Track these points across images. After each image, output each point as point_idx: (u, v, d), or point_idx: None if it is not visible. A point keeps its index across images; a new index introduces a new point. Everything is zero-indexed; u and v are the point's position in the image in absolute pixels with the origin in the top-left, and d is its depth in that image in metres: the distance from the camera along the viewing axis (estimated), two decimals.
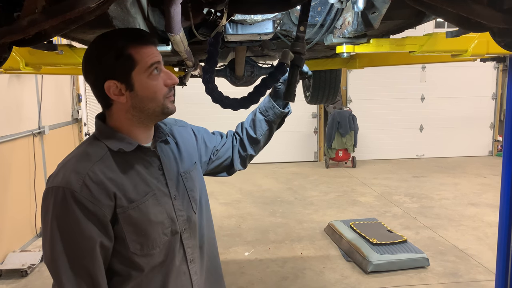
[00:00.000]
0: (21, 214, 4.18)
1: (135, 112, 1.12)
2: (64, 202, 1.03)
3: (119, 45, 1.07)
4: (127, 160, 1.13)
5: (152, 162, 1.18)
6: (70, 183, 1.04)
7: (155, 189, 1.16)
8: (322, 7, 1.67)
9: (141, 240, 1.12)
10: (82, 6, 0.91)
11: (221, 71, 3.05)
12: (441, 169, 7.59)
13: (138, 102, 1.10)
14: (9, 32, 0.95)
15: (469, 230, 4.55)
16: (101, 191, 1.06)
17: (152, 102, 1.11)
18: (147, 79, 1.09)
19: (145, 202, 1.12)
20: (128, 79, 1.08)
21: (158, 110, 1.12)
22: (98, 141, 1.13)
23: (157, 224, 1.14)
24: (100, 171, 1.07)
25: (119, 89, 1.08)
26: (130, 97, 1.09)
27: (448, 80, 8.38)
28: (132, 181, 1.12)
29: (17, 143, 4.15)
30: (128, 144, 1.13)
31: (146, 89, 1.09)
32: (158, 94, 1.11)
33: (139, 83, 1.09)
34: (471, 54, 1.90)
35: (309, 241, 4.33)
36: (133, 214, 1.10)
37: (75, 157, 1.11)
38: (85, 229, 1.04)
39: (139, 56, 1.08)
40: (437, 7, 0.98)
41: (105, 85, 1.08)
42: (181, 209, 1.22)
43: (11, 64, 1.93)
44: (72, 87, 5.69)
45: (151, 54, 1.10)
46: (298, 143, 8.53)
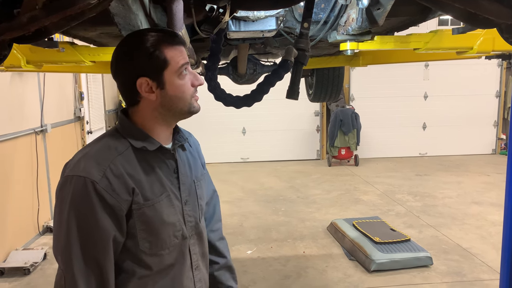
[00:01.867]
0: (23, 212, 4.18)
1: (163, 110, 1.14)
2: (84, 192, 1.03)
3: (152, 44, 1.09)
4: (147, 158, 1.14)
5: (169, 164, 1.19)
6: (91, 173, 1.04)
7: (169, 191, 1.17)
8: (326, 4, 1.65)
9: (151, 239, 1.12)
10: (82, 2, 0.90)
11: (224, 69, 3.03)
12: (444, 168, 7.56)
13: (167, 100, 1.12)
14: (9, 28, 0.94)
15: (473, 229, 4.52)
16: (121, 185, 1.07)
17: (180, 101, 1.13)
18: (177, 79, 1.12)
19: (159, 202, 1.13)
20: (160, 77, 1.10)
21: (185, 109, 1.15)
22: (121, 135, 1.14)
23: (169, 225, 1.15)
24: (121, 165, 1.08)
25: (150, 86, 1.10)
26: (160, 95, 1.11)
27: (451, 78, 8.34)
28: (149, 179, 1.13)
29: (19, 141, 4.14)
30: (151, 144, 1.14)
31: (176, 88, 1.12)
32: (186, 94, 1.13)
33: (169, 82, 1.11)
34: (477, 51, 1.88)
35: (311, 240, 4.32)
36: (148, 212, 1.10)
37: (97, 148, 1.12)
38: (102, 221, 1.04)
39: (171, 56, 1.10)
40: (444, 3, 0.96)
41: (137, 82, 1.10)
42: (190, 214, 1.22)
43: (12, 61, 1.92)
44: (75, 85, 5.68)
45: (182, 55, 1.13)
46: (301, 141, 8.51)
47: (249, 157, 8.38)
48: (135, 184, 1.09)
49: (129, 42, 1.13)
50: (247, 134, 8.42)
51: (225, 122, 8.12)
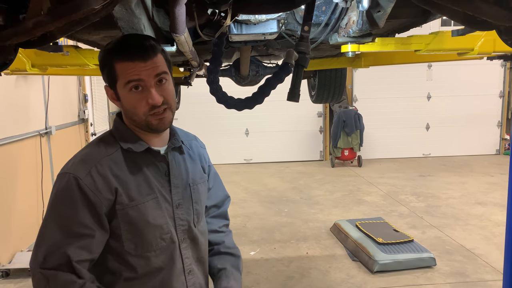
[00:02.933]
0: (28, 213, 4.22)
1: (128, 119, 1.18)
2: (68, 187, 1.09)
3: (107, 57, 1.14)
4: (136, 160, 1.16)
5: (160, 167, 1.20)
6: (77, 170, 1.10)
7: (158, 194, 1.17)
8: (327, 6, 1.67)
9: (136, 240, 1.14)
10: (87, 8, 0.92)
11: (226, 70, 3.05)
12: (447, 168, 7.54)
13: (126, 111, 1.17)
14: (15, 33, 0.96)
15: (476, 230, 4.51)
16: (104, 184, 1.10)
17: (134, 115, 1.14)
18: (127, 93, 1.12)
19: (145, 203, 1.14)
20: (114, 89, 1.15)
21: (143, 124, 1.14)
22: (113, 137, 1.18)
23: (155, 227, 1.15)
24: (107, 166, 1.12)
25: (112, 96, 1.17)
26: (120, 105, 1.17)
27: (454, 78, 8.32)
28: (136, 181, 1.15)
29: (24, 143, 4.18)
30: (138, 145, 1.17)
31: (127, 102, 1.14)
32: (138, 110, 1.12)
33: (122, 95, 1.14)
34: (478, 53, 1.89)
35: (315, 241, 4.32)
36: (131, 213, 1.13)
37: (88, 150, 1.17)
38: (80, 215, 1.08)
39: (120, 71, 1.11)
40: (443, 6, 0.97)
41: (105, 89, 1.18)
42: (183, 218, 1.22)
43: (18, 65, 1.94)
44: (79, 88, 5.72)
45: (132, 71, 1.09)
46: (304, 142, 8.51)
47: (252, 158, 8.40)
48: (119, 185, 1.11)
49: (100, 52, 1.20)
50: (250, 135, 8.44)
51: (228, 124, 8.15)
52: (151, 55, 1.11)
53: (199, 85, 4.32)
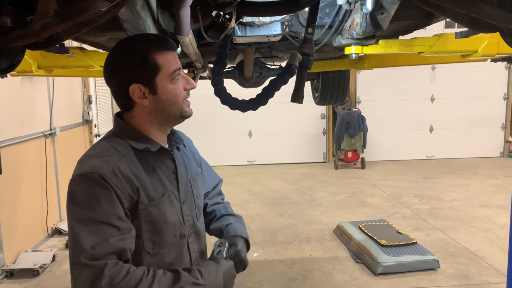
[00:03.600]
0: (33, 214, 4.24)
1: (157, 114, 1.16)
2: (96, 184, 1.05)
3: (143, 50, 1.12)
4: (148, 159, 1.16)
5: (168, 165, 1.22)
6: (102, 169, 1.06)
7: (169, 191, 1.19)
8: (331, 9, 1.68)
9: (155, 238, 1.14)
10: (93, 10, 0.93)
11: (230, 72, 3.06)
12: (451, 170, 7.52)
13: (160, 105, 1.14)
14: (22, 35, 0.97)
15: (480, 232, 4.50)
16: (127, 183, 1.09)
17: (173, 105, 1.15)
18: (169, 83, 1.14)
19: (163, 202, 1.16)
20: (152, 83, 1.12)
21: (178, 113, 1.17)
22: (120, 139, 1.16)
23: (171, 224, 1.17)
24: (127, 165, 1.11)
25: (142, 92, 1.12)
26: (153, 100, 1.13)
27: (458, 80, 8.30)
28: (152, 180, 1.15)
29: (29, 144, 4.21)
30: (152, 145, 1.17)
31: (168, 93, 1.14)
32: (178, 98, 1.15)
33: (162, 87, 1.13)
34: (482, 55, 1.89)
35: (318, 242, 4.32)
36: (153, 212, 1.13)
37: (101, 150, 1.13)
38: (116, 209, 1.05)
39: (162, 61, 1.12)
40: (446, 8, 0.98)
41: (130, 89, 1.11)
42: (188, 214, 1.25)
43: (24, 66, 1.96)
44: (83, 89, 5.75)
45: (173, 60, 1.15)
46: (307, 144, 8.51)
47: (256, 160, 8.40)
48: (139, 184, 1.11)
49: (121, 48, 1.15)
50: (254, 136, 8.45)
51: (231, 125, 8.16)
52: (175, 46, 1.18)
53: (203, 87, 4.33)
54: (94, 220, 1.03)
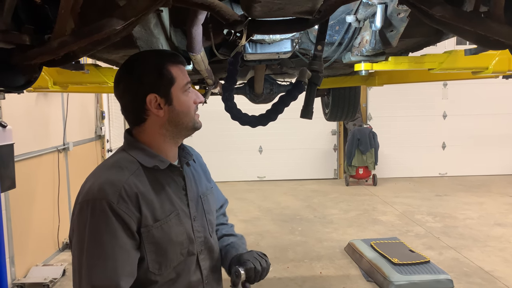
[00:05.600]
0: (44, 228, 4.28)
1: (170, 126, 1.17)
2: (103, 214, 1.04)
3: (159, 62, 1.16)
4: (157, 177, 1.16)
5: (178, 182, 1.21)
6: (108, 194, 1.06)
7: (179, 209, 1.18)
8: (340, 26, 1.70)
9: (160, 259, 1.13)
10: (108, 28, 0.96)
11: (241, 88, 3.09)
12: (465, 188, 7.39)
13: (174, 116, 1.16)
14: (40, 53, 1.01)
15: (496, 251, 4.39)
16: (134, 204, 1.08)
17: (186, 116, 1.18)
18: (183, 95, 1.17)
19: (168, 222, 1.14)
20: (168, 93, 1.15)
21: (191, 124, 1.20)
22: (129, 155, 1.16)
23: (177, 244, 1.16)
24: (134, 185, 1.10)
25: (158, 103, 1.15)
26: (168, 111, 1.16)
27: (471, 96, 8.23)
28: (160, 199, 1.14)
29: (43, 159, 4.27)
30: (161, 162, 1.17)
31: (182, 104, 1.17)
32: (191, 109, 1.19)
33: (176, 98, 1.16)
34: (493, 71, 1.88)
35: (328, 260, 4.26)
36: (156, 234, 1.11)
37: (109, 170, 1.13)
38: (124, 241, 1.05)
39: (176, 73, 1.17)
40: (454, 26, 0.99)
41: (147, 99, 1.14)
42: (199, 230, 1.23)
43: (40, 83, 2.01)
44: (96, 105, 5.85)
45: (185, 73, 1.20)
46: (318, 160, 8.48)
47: (266, 176, 8.39)
48: (145, 204, 1.10)
49: (136, 62, 1.18)
50: (264, 152, 8.45)
51: (242, 141, 8.18)
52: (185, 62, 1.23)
53: (214, 103, 4.38)
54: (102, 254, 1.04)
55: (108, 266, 1.03)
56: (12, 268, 3.66)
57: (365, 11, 1.44)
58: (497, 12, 0.99)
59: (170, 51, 1.26)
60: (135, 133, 1.20)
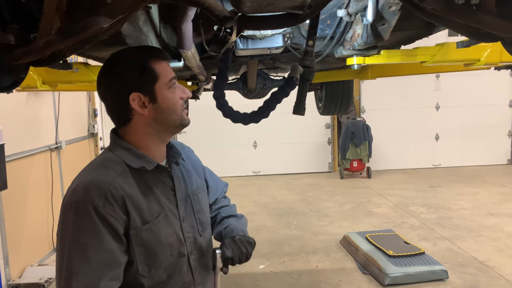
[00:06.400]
0: (38, 228, 4.25)
1: (156, 124, 1.14)
2: (87, 216, 1.02)
3: (140, 59, 1.12)
4: (144, 178, 1.13)
5: (166, 182, 1.19)
6: (93, 197, 1.03)
7: (167, 210, 1.16)
8: (332, 20, 1.68)
9: (149, 261, 1.11)
10: (95, 27, 0.94)
11: (234, 84, 3.07)
12: (458, 179, 7.45)
13: (159, 114, 1.13)
14: (26, 53, 0.99)
15: (489, 241, 4.43)
16: (120, 207, 1.06)
17: (173, 113, 1.15)
18: (167, 92, 1.14)
19: (157, 223, 1.12)
20: (152, 91, 1.11)
21: (178, 122, 1.16)
22: (116, 156, 1.13)
23: (166, 245, 1.14)
24: (120, 187, 1.07)
25: (142, 101, 1.11)
26: (152, 109, 1.12)
27: (463, 88, 8.27)
28: (147, 200, 1.12)
29: (35, 158, 4.23)
30: (148, 163, 1.14)
31: (167, 101, 1.13)
32: (177, 106, 1.15)
33: (161, 95, 1.12)
34: (485, 63, 1.88)
35: (324, 254, 4.28)
36: (145, 236, 1.09)
37: (95, 171, 1.11)
38: (109, 244, 1.03)
39: (160, 70, 1.13)
40: (446, 19, 0.98)
41: (130, 98, 1.10)
42: (189, 231, 1.21)
43: (29, 82, 1.98)
44: (88, 102, 5.80)
45: (169, 69, 1.16)
46: (312, 154, 8.49)
47: (261, 171, 8.39)
48: (133, 207, 1.08)
49: (117, 60, 1.14)
50: (259, 147, 8.45)
51: (236, 136, 8.16)
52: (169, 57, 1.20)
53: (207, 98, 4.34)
54: (85, 257, 1.01)
55: (89, 271, 1.00)
56: (7, 268, 3.63)
57: (357, 4, 1.43)
58: (488, 4, 0.98)
59: (152, 47, 1.22)
60: (121, 132, 1.17)
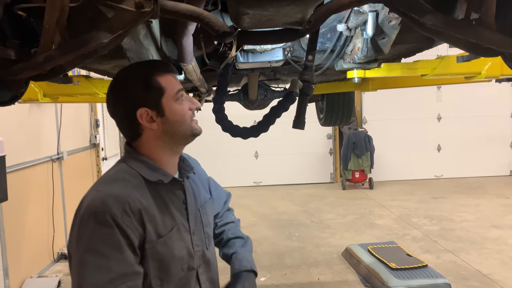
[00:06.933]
0: (39, 239, 4.23)
1: (166, 137, 1.15)
2: (106, 227, 1.01)
3: (145, 74, 1.13)
4: (158, 191, 1.13)
5: (178, 195, 1.19)
6: (111, 208, 1.02)
7: (179, 224, 1.16)
8: (332, 33, 1.69)
9: (162, 275, 1.10)
10: (95, 42, 0.94)
11: (235, 95, 3.08)
12: (461, 190, 7.41)
13: (169, 127, 1.14)
14: (25, 68, 0.99)
15: (493, 254, 4.39)
16: (137, 219, 1.05)
17: (182, 125, 1.15)
18: (175, 104, 1.14)
19: (171, 237, 1.12)
20: (158, 105, 1.12)
21: (188, 132, 1.17)
22: (131, 168, 1.13)
23: (178, 259, 1.13)
24: (138, 200, 1.07)
25: (150, 116, 1.12)
26: (161, 122, 1.13)
27: (464, 99, 8.27)
28: (162, 214, 1.12)
29: (36, 169, 4.23)
30: (164, 176, 1.14)
31: (175, 113, 1.14)
32: (186, 117, 1.16)
33: (168, 108, 1.13)
34: (485, 76, 1.88)
35: (326, 266, 4.24)
36: (160, 250, 1.09)
37: (112, 183, 1.10)
38: (126, 254, 1.02)
39: (165, 83, 1.13)
40: (446, 34, 0.98)
41: (137, 114, 1.11)
42: (198, 244, 1.21)
43: (30, 95, 1.99)
44: (90, 113, 5.82)
45: (175, 82, 1.17)
46: (314, 165, 8.47)
47: (262, 181, 8.36)
48: (148, 220, 1.07)
49: (123, 77, 1.16)
50: (260, 157, 8.43)
51: (237, 146, 8.12)
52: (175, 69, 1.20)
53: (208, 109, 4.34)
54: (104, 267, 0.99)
55: (109, 280, 0.99)
56: (6, 280, 3.60)
57: (356, 19, 1.43)
58: (488, 19, 0.98)
59: (157, 60, 1.23)
60: (135, 146, 1.18)
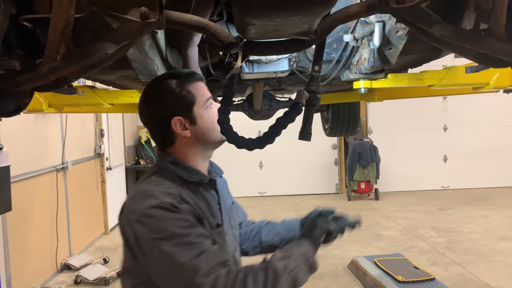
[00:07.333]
0: (42, 249, 4.21)
1: (198, 144, 1.19)
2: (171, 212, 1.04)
3: (177, 84, 1.17)
4: (199, 191, 1.17)
5: (214, 196, 1.22)
6: (169, 200, 1.06)
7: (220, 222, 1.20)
8: (338, 44, 1.68)
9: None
10: (100, 53, 0.94)
11: (240, 105, 3.08)
12: (468, 201, 7.32)
13: (200, 134, 1.18)
14: (30, 79, 0.98)
15: (502, 267, 4.31)
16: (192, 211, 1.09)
17: (212, 131, 1.19)
18: (205, 111, 1.19)
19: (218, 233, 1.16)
20: (191, 113, 1.17)
21: (218, 138, 1.21)
22: (169, 171, 1.16)
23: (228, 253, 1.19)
24: (187, 196, 1.11)
25: (183, 124, 1.16)
26: (193, 130, 1.17)
27: (471, 109, 8.21)
28: (208, 210, 1.16)
29: (41, 179, 4.23)
30: (203, 176, 1.19)
31: (206, 121, 1.18)
32: (215, 124, 1.18)
33: (199, 116, 1.17)
34: (494, 87, 1.86)
35: (331, 278, 4.18)
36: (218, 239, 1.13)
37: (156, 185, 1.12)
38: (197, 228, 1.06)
39: (196, 92, 1.18)
40: (454, 44, 0.96)
41: (172, 123, 1.15)
42: (230, 244, 1.23)
43: (35, 105, 1.99)
44: (95, 123, 5.83)
45: (205, 89, 1.21)
46: (319, 175, 8.42)
47: (267, 191, 8.32)
48: (201, 214, 1.11)
49: (155, 88, 1.19)
50: (264, 168, 8.40)
51: (242, 156, 8.10)
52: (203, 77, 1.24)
53: None
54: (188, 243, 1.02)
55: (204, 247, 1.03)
56: None
57: (363, 29, 1.42)
58: (498, 29, 0.96)
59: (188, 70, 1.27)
60: (168, 152, 1.21)
